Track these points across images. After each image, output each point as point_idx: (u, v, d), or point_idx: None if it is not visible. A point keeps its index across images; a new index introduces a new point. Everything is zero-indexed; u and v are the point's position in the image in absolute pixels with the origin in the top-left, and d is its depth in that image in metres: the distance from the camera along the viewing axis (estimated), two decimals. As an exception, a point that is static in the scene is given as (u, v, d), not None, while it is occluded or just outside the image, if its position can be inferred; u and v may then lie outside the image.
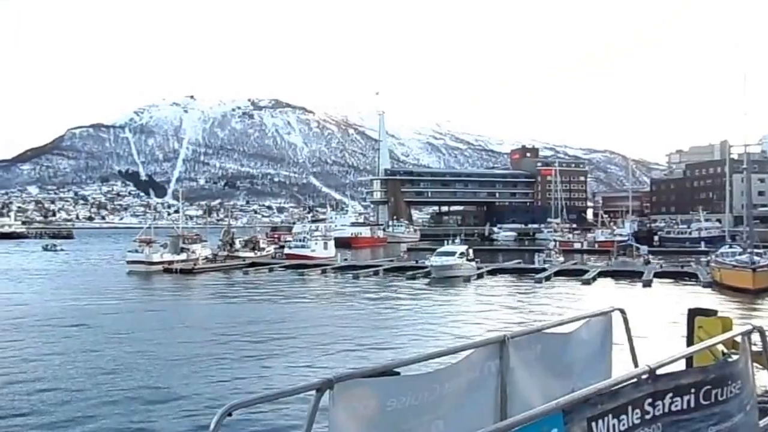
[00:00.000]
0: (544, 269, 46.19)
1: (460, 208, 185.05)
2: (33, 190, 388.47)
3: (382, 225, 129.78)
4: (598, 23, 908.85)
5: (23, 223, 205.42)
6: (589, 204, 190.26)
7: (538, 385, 3.80)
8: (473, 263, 46.00)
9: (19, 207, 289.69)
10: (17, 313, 29.28)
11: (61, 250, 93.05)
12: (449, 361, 3.20)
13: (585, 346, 4.34)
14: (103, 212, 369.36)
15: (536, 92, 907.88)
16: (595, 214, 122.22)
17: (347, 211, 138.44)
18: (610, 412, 2.83)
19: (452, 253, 45.50)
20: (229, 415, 2.25)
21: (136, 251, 55.48)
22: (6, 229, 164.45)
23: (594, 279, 42.15)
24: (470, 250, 47.54)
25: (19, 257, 79.70)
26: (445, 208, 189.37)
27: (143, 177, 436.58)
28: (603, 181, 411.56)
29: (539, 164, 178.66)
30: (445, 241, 56.69)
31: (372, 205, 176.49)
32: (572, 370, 4.18)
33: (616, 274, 44.78)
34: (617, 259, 51.99)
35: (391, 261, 57.90)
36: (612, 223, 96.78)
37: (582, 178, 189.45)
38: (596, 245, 77.99)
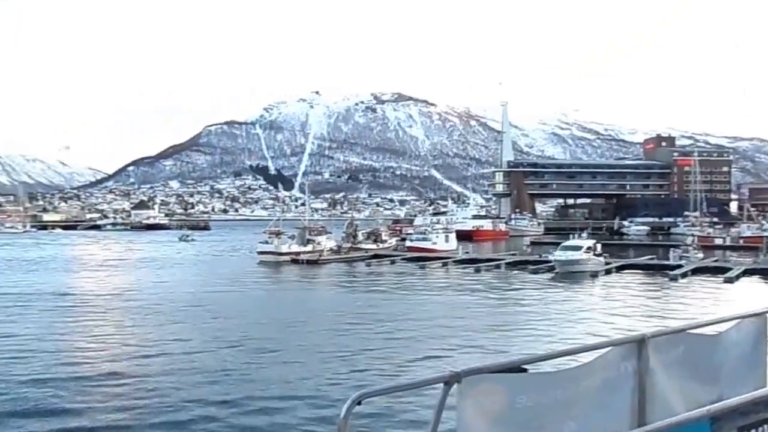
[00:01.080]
0: (680, 266, 43.38)
1: (587, 201, 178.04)
2: (174, 184, 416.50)
3: (504, 218, 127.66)
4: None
5: (166, 215, 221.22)
6: (733, 196, 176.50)
7: (681, 390, 3.50)
8: (601, 258, 44.14)
9: (162, 200, 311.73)
10: (156, 299, 31.25)
11: (194, 240, 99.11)
12: (580, 359, 3.06)
13: (735, 349, 3.94)
14: (236, 205, 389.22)
15: (675, 77, 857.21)
16: (740, 207, 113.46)
17: (468, 203, 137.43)
18: (765, 423, 2.63)
19: (578, 248, 43.80)
20: (359, 403, 2.25)
21: (266, 242, 57.85)
22: (151, 221, 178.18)
23: (738, 277, 38.88)
24: (598, 245, 45.63)
25: (160, 247, 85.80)
26: (570, 201, 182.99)
27: (272, 171, 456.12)
28: (750, 171, 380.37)
29: (675, 154, 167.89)
30: (571, 235, 54.79)
31: (494, 198, 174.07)
32: (720, 376, 3.83)
33: (764, 273, 41.05)
34: (766, 256, 47.73)
35: (514, 255, 56.71)
36: (760, 217, 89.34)
37: (725, 168, 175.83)
38: (741, 241, 72.30)
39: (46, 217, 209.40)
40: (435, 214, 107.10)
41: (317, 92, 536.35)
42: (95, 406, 13.70)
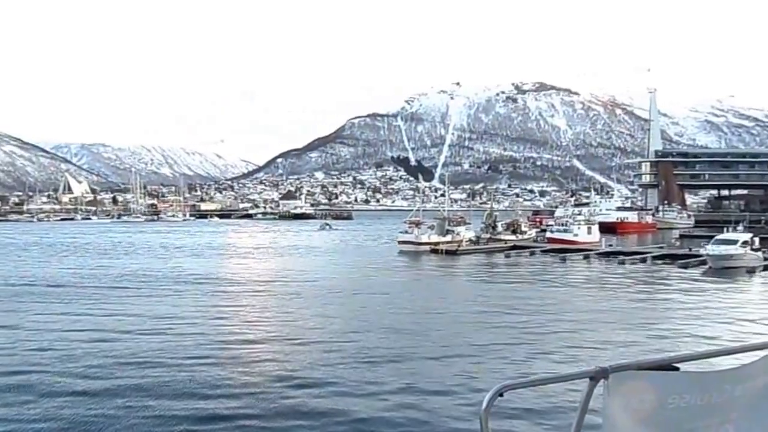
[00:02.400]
0: None
1: (744, 192, 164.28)
2: (319, 175, 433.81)
3: (650, 210, 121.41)
4: None
5: (311, 205, 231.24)
6: None
7: None
8: (759, 254, 41.26)
9: (308, 191, 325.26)
10: (300, 284, 33.14)
11: (333, 228, 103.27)
12: (740, 360, 2.80)
13: None
14: (378, 195, 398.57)
15: None
16: None
17: (612, 195, 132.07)
18: None
19: (733, 242, 41.21)
20: (501, 395, 2.19)
21: (406, 232, 59.17)
22: (298, 210, 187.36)
23: None
24: (755, 239, 42.63)
25: (305, 235, 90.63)
26: (725, 192, 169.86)
27: (413, 162, 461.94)
28: None
29: None
30: (725, 228, 51.39)
31: (640, 189, 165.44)
32: None
33: None
34: None
35: (661, 248, 54.33)
36: None
37: None
38: None
39: (203, 206, 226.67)
40: (577, 206, 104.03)
41: (458, 83, 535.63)
42: (258, 383, 14.59)
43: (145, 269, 41.45)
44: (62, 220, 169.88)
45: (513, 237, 62.95)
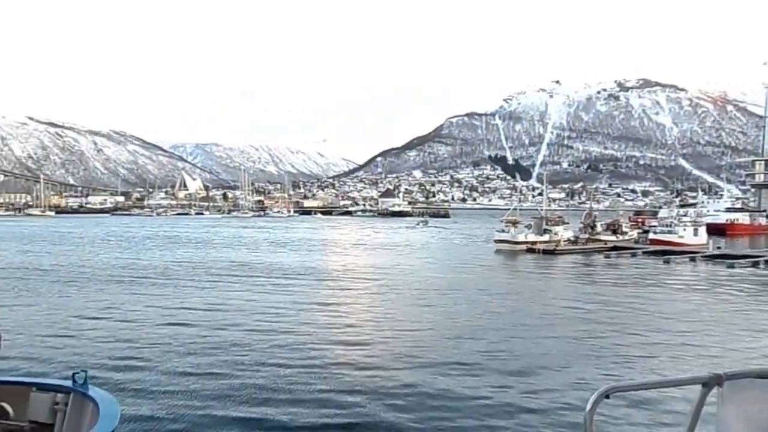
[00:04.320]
0: None
1: None
2: (417, 174, 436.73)
3: (764, 211, 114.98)
4: None
5: (409, 203, 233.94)
6: None
7: None
8: None
9: (405, 189, 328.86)
10: (396, 280, 33.75)
11: (431, 226, 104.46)
12: None
13: None
14: (474, 194, 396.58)
15: None
16: None
17: (722, 195, 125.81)
18: None
19: None
20: (607, 397, 2.17)
21: (503, 231, 59.11)
22: (395, 208, 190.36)
23: None
24: None
25: (403, 232, 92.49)
26: None
27: (510, 161, 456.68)
28: None
29: None
30: None
31: (752, 190, 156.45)
32: None
33: None
34: None
35: (775, 251, 51.82)
36: None
37: None
38: None
39: (306, 203, 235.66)
40: (682, 206, 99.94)
41: (557, 81, 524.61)
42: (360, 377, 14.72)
43: (254, 261, 44.13)
44: (178, 215, 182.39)
45: (613, 237, 61.50)
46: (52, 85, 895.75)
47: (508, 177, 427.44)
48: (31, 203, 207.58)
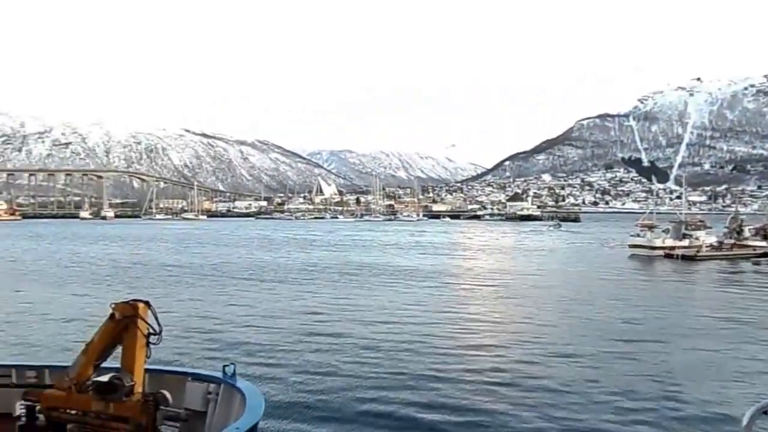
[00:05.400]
0: None
1: None
2: (546, 177, 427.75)
3: None
4: None
5: (538, 207, 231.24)
6: None
7: None
8: None
9: (534, 193, 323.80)
10: (529, 284, 34.27)
11: (561, 227, 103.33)
12: None
13: None
14: (607, 197, 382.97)
15: None
16: None
17: None
18: None
19: None
20: (765, 413, 2.07)
21: (638, 235, 58.15)
22: (524, 212, 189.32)
23: None
24: None
25: (533, 236, 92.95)
26: None
27: (645, 163, 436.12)
28: None
29: None
30: None
31: None
32: None
33: None
34: None
35: None
36: None
37: None
38: None
39: (435, 207, 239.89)
40: None
41: (698, 79, 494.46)
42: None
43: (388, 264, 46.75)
44: (315, 218, 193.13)
45: (764, 243, 57.93)
46: (205, 100, 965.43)
47: (643, 179, 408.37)
48: (186, 208, 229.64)
